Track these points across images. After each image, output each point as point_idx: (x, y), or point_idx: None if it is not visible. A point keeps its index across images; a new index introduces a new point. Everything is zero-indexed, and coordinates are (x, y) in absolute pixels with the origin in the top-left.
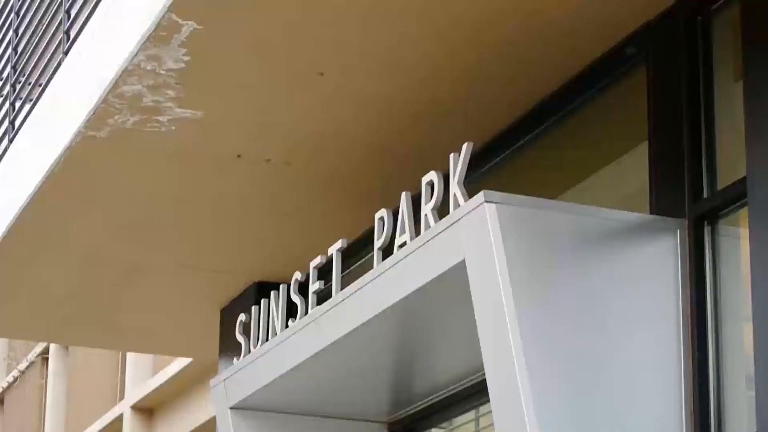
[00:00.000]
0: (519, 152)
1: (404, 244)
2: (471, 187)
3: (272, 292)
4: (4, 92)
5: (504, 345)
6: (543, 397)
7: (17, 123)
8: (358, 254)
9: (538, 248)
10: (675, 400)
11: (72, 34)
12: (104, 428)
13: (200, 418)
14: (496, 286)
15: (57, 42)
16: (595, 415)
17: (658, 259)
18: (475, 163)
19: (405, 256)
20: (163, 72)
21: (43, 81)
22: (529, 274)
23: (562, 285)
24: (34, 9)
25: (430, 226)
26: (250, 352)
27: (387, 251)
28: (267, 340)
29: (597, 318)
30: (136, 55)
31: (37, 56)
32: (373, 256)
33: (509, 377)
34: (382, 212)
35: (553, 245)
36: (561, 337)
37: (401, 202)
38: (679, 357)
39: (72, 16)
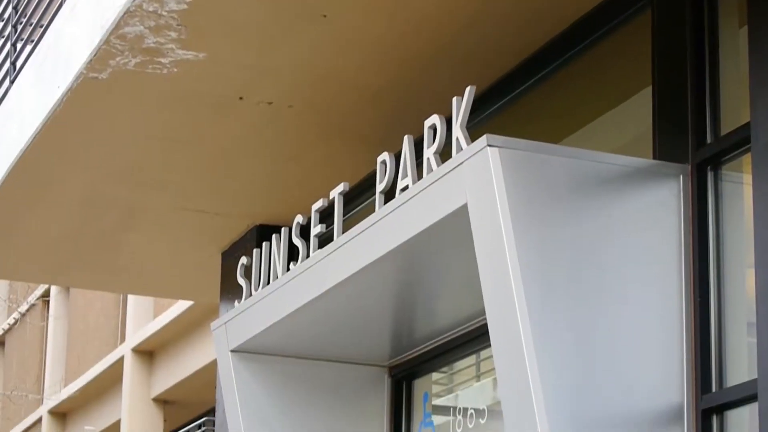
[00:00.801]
0: (522, 97)
1: (406, 187)
2: (473, 132)
3: (274, 235)
4: (6, 33)
5: (505, 289)
6: (544, 342)
7: (18, 64)
8: (359, 198)
9: (540, 192)
10: (676, 346)
11: None
12: (105, 371)
13: (201, 361)
14: (497, 230)
15: None
16: (595, 360)
17: (661, 205)
18: (477, 108)
19: (407, 200)
20: (165, 13)
21: (45, 22)
22: (531, 219)
23: (564, 229)
24: None
25: (432, 170)
26: (251, 295)
27: (389, 195)
28: (268, 283)
29: (598, 263)
30: None
31: None
32: (374, 199)
33: (510, 321)
34: (385, 156)
35: (555, 190)
36: (562, 282)
37: (404, 145)
38: (681, 303)
39: None
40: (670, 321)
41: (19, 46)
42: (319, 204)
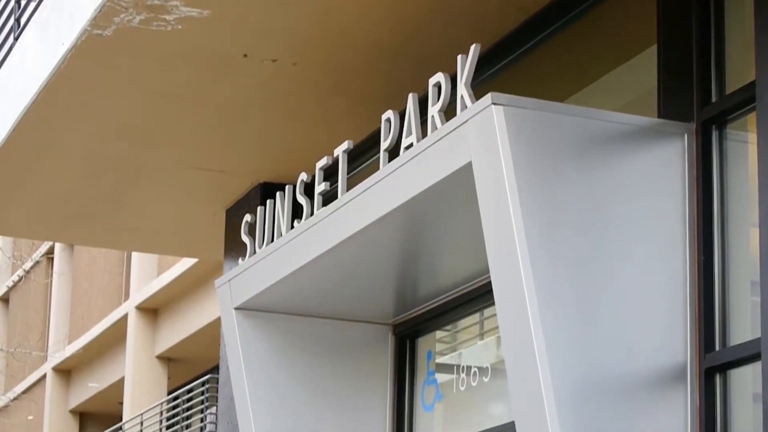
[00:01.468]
0: (527, 55)
1: (411, 145)
2: (478, 90)
3: (278, 193)
4: None
5: (509, 248)
6: (547, 300)
7: (22, 21)
8: (364, 156)
9: (544, 151)
10: (679, 305)
11: None
12: (108, 328)
13: (205, 318)
14: (502, 189)
15: None
16: (598, 318)
17: (665, 164)
18: (482, 66)
19: (411, 158)
20: None
21: None
22: (535, 177)
23: (568, 187)
24: None
25: (436, 128)
26: (255, 252)
27: (393, 153)
28: (272, 240)
29: (602, 221)
30: None
31: None
32: (379, 157)
33: (514, 280)
34: (389, 114)
35: (559, 148)
36: (566, 240)
37: (408, 103)
38: (685, 262)
39: None
40: (674, 280)
41: (23, 2)
42: (323, 162)
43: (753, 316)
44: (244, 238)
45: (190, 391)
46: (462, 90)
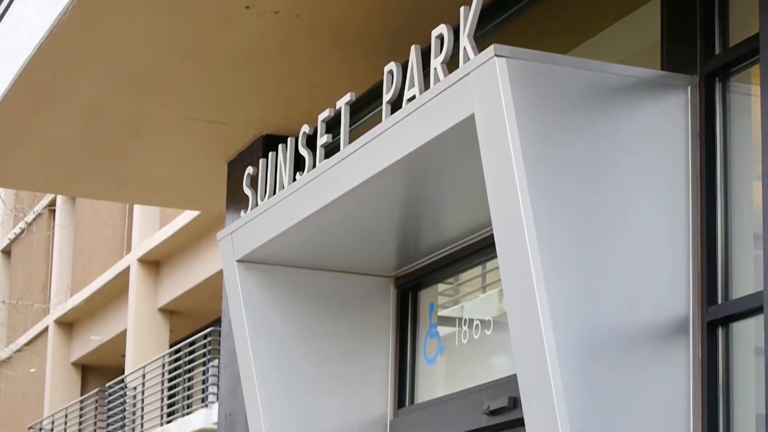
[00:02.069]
0: (530, 7)
1: (413, 97)
2: (481, 42)
3: (280, 145)
4: None
5: (512, 200)
6: (550, 253)
7: None
8: (366, 108)
9: (547, 103)
10: (682, 259)
11: None
12: (111, 281)
13: (207, 271)
14: (504, 141)
15: None
16: (600, 271)
17: (668, 116)
18: (485, 18)
19: (414, 110)
20: None
21: None
22: (538, 129)
23: (571, 140)
24: None
25: (439, 80)
26: (257, 205)
27: (396, 105)
28: (274, 193)
29: (605, 174)
30: None
31: None
32: (381, 109)
33: (517, 233)
34: (391, 65)
35: (562, 100)
36: (569, 193)
37: (411, 55)
38: (687, 215)
39: None
40: (677, 233)
41: None
42: (325, 114)
43: (755, 269)
44: (246, 190)
45: (192, 343)
46: (465, 42)
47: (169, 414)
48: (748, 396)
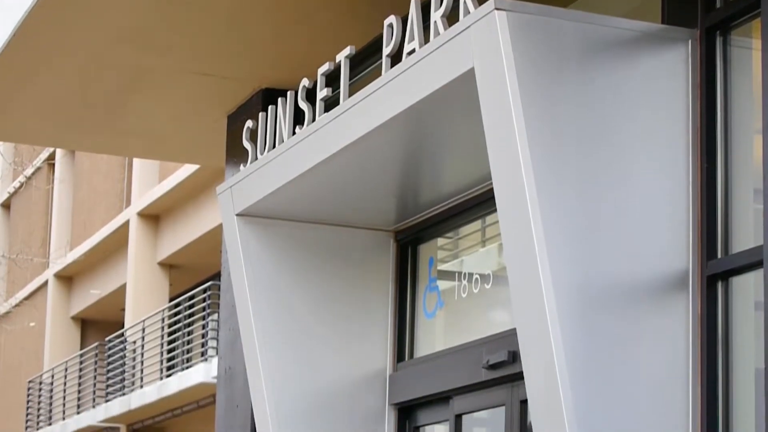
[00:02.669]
0: None
1: (413, 51)
2: None
3: (279, 99)
4: None
5: (512, 153)
6: (550, 207)
7: None
8: (366, 61)
9: (547, 57)
10: (682, 213)
11: None
12: (110, 235)
13: (206, 225)
14: (504, 94)
15: None
16: (600, 225)
17: (669, 70)
18: None
19: (413, 64)
20: None
21: None
22: (538, 82)
23: (571, 93)
24: None
25: (439, 34)
26: (256, 158)
27: (395, 59)
28: (274, 146)
29: (605, 127)
30: None
31: None
32: (381, 63)
33: (516, 186)
34: (391, 19)
35: (562, 54)
36: (569, 146)
37: (411, 8)
38: (688, 169)
39: None
40: (677, 187)
41: None
42: (325, 67)
43: (755, 223)
44: (246, 144)
45: (191, 297)
46: None
47: (169, 368)
48: (747, 350)
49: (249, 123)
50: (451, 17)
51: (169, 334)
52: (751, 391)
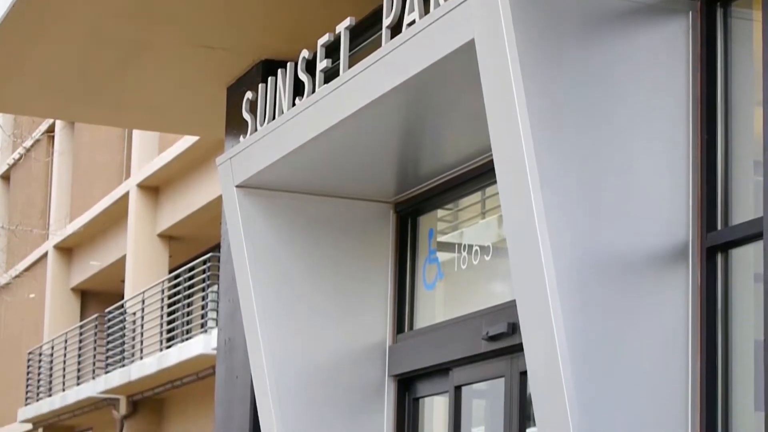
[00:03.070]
0: None
1: (413, 22)
2: None
3: (279, 70)
4: None
5: (512, 125)
6: (549, 179)
7: None
8: (366, 33)
9: (548, 28)
10: (682, 185)
11: None
12: (110, 206)
13: (206, 196)
14: (505, 66)
15: None
16: (601, 197)
17: (669, 42)
18: None
19: (413, 35)
20: None
21: None
22: (538, 54)
23: (571, 65)
24: None
25: (439, 5)
26: (256, 130)
27: (395, 30)
28: (273, 118)
29: (605, 98)
30: None
31: None
32: (381, 34)
33: (516, 158)
34: None
35: (563, 25)
36: (569, 118)
37: None
38: (688, 141)
39: None
40: (677, 159)
41: None
42: (325, 39)
43: (755, 195)
44: (246, 115)
45: (191, 269)
46: None
47: (169, 339)
48: (746, 322)
49: (249, 94)
50: None
51: (169, 305)
52: (750, 363)
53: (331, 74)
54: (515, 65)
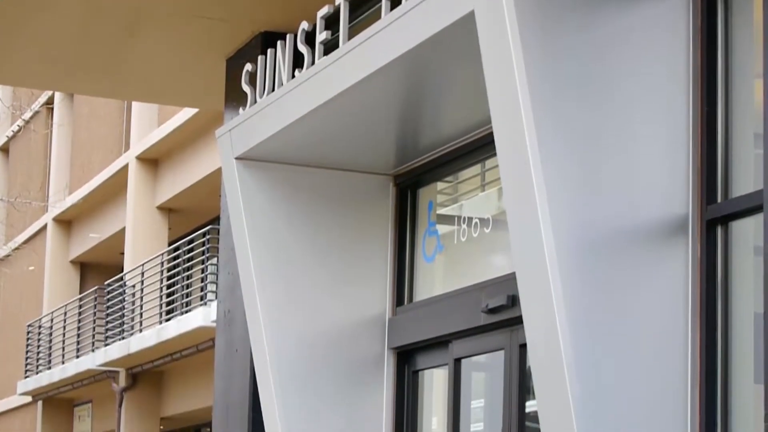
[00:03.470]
0: None
1: None
2: None
3: (279, 42)
4: None
5: (511, 97)
6: (550, 151)
7: None
8: (366, 4)
9: (547, 0)
10: (682, 157)
11: None
12: (109, 179)
13: (206, 169)
14: (505, 37)
15: None
16: (601, 169)
17: (670, 12)
18: None
19: (413, 6)
20: None
21: None
22: (538, 25)
23: (572, 35)
24: None
25: None
26: (255, 102)
27: (395, 1)
28: (273, 90)
29: (606, 70)
30: None
31: None
32: (381, 5)
33: (516, 130)
34: None
35: None
36: (569, 90)
37: None
38: (688, 114)
39: None
40: (677, 131)
41: None
42: (324, 10)
43: (755, 168)
44: (245, 87)
45: (191, 241)
46: None
47: (168, 312)
48: (746, 295)
49: (248, 66)
50: None
51: (169, 278)
52: (749, 336)
53: (330, 46)
54: (515, 37)
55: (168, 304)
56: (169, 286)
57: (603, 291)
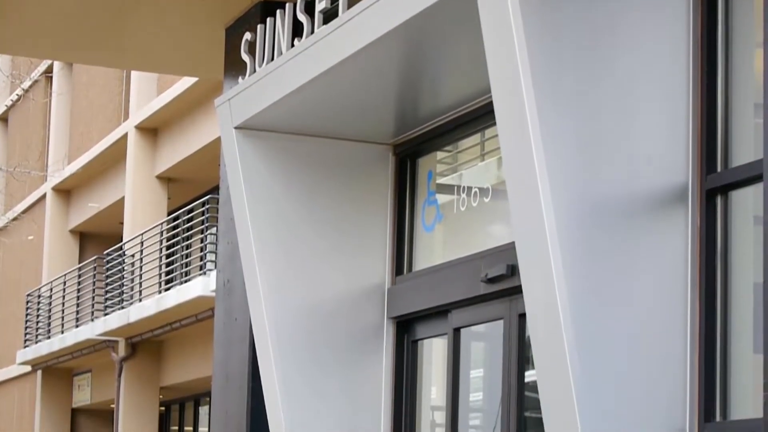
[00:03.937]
0: None
1: None
2: None
3: (278, 11)
4: None
5: (511, 66)
6: (549, 120)
7: None
8: None
9: None
10: (682, 127)
11: None
12: (108, 148)
13: (205, 138)
14: (505, 7)
15: None
16: (601, 138)
17: None
18: None
19: None
20: None
21: None
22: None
23: (572, 5)
24: None
25: None
26: (255, 71)
27: None
28: (272, 59)
29: (605, 40)
30: None
31: None
32: None
33: (516, 99)
34: None
35: None
36: (569, 59)
37: None
38: (688, 82)
39: None
40: (676, 101)
41: None
42: None
43: (755, 137)
44: (244, 56)
45: (190, 211)
46: None
47: (167, 281)
48: (746, 265)
49: (247, 35)
50: None
51: (168, 247)
52: (749, 306)
53: (330, 15)
54: (515, 5)
55: (167, 273)
56: (168, 256)
57: (602, 260)
